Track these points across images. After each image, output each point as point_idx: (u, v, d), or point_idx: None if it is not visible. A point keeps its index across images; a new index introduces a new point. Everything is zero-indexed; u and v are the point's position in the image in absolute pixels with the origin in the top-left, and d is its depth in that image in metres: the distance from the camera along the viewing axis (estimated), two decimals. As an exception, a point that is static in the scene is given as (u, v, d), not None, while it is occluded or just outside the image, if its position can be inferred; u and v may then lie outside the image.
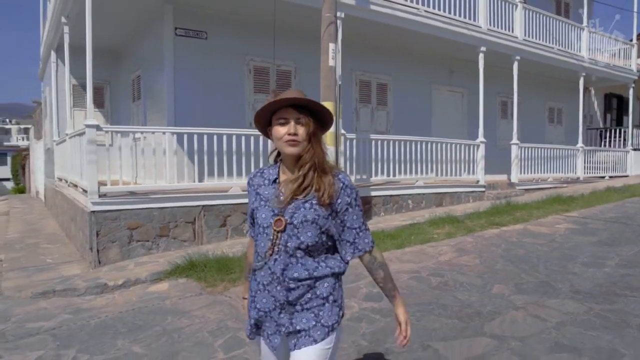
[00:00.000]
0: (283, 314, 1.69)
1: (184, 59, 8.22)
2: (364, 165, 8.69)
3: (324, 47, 6.69)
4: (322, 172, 1.71)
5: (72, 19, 8.51)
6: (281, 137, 1.70)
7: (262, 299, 1.71)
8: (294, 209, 1.68)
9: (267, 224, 1.70)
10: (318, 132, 1.76)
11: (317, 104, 1.74)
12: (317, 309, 1.69)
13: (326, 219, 1.69)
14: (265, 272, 1.70)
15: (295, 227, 1.66)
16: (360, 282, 4.92)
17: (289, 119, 1.70)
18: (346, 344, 3.47)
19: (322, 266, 1.71)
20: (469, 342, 3.46)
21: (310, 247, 1.68)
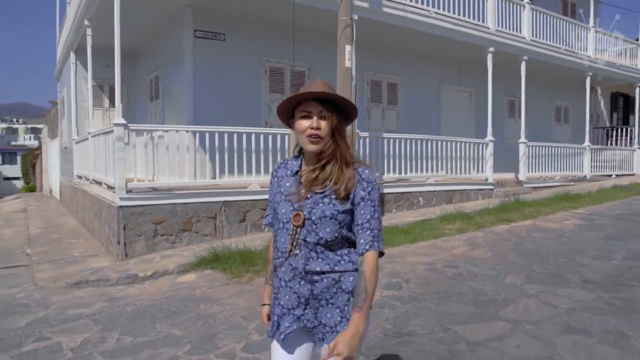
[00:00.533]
0: (308, 309, 1.67)
1: (203, 59, 8.50)
2: (377, 163, 8.94)
3: (340, 49, 6.94)
4: (345, 166, 1.69)
5: (94, 21, 8.80)
6: (304, 130, 1.69)
7: (285, 296, 1.68)
8: (313, 203, 1.66)
9: (286, 219, 1.68)
10: (341, 126, 1.73)
11: (342, 97, 1.72)
12: (342, 304, 1.66)
13: (345, 214, 1.66)
14: (287, 268, 1.68)
15: (314, 223, 1.64)
16: (380, 273, 5.17)
17: (312, 112, 1.68)
18: (371, 330, 3.73)
19: (345, 260, 1.68)
20: (486, 325, 3.71)
21: (330, 242, 1.66)
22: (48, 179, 21.13)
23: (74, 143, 11.37)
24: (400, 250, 6.15)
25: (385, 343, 3.45)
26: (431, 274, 5.10)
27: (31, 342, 3.89)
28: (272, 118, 9.01)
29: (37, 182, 31.73)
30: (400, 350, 3.32)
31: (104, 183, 7.58)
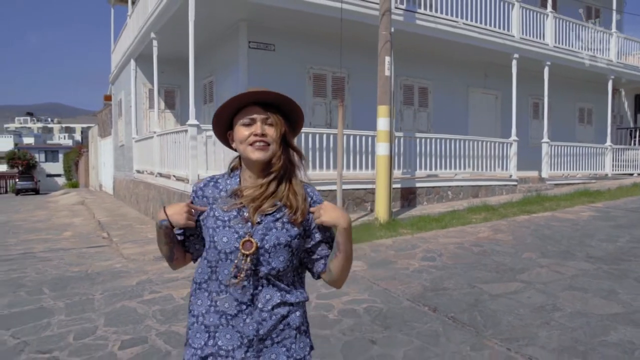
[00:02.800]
0: (250, 352, 1.43)
1: (255, 67, 9.63)
2: (410, 160, 9.92)
3: (380, 59, 7.95)
4: (292, 185, 1.48)
5: (159, 33, 10.02)
6: (245, 139, 1.44)
7: (226, 335, 1.44)
8: (265, 229, 1.42)
9: (230, 248, 1.41)
10: (289, 134, 1.50)
11: (288, 99, 1.48)
12: (288, 342, 1.47)
13: (298, 240, 1.47)
14: (230, 302, 1.43)
15: (267, 252, 1.42)
16: (415, 250, 6.19)
17: (255, 118, 1.44)
18: (414, 286, 4.76)
19: (293, 292, 1.50)
20: (504, 284, 4.70)
21: (280, 273, 1.45)
22: (97, 175, 22.70)
23: (134, 141, 12.66)
24: (433, 234, 7.14)
25: (425, 294, 4.48)
26: (460, 251, 6.09)
27: (148, 294, 5.03)
28: (315, 119, 10.11)
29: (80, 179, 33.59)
30: (437, 299, 4.35)
31: (173, 175, 8.77)
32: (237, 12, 9.05)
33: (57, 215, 13.76)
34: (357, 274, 5.25)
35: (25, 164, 47.08)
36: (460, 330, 3.67)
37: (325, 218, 1.43)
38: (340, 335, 3.66)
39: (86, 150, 28.77)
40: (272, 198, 1.44)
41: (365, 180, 9.13)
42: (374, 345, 3.46)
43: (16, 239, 9.40)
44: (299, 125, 1.56)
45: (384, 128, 8.03)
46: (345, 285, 4.57)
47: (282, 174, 1.46)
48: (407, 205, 9.76)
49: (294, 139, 1.54)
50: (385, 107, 7.95)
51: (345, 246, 1.45)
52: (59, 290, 5.28)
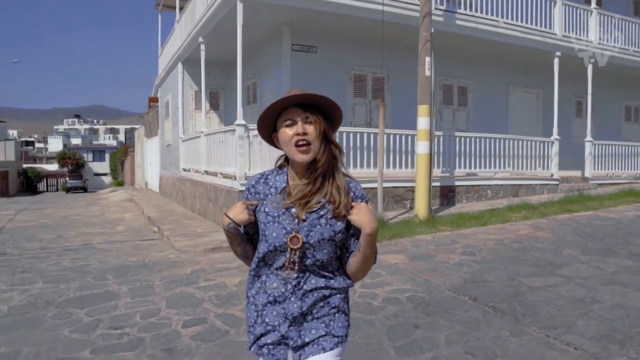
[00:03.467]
0: (292, 327, 1.59)
1: (298, 69, 9.96)
2: (449, 159, 10.03)
3: (420, 60, 8.13)
4: (336, 179, 1.58)
5: (206, 38, 10.49)
6: (290, 139, 1.55)
7: (272, 312, 1.60)
8: (310, 226, 1.55)
9: (279, 242, 1.56)
10: (329, 130, 1.61)
11: (325, 98, 1.58)
12: (328, 319, 1.61)
13: (342, 234, 1.58)
14: (279, 283, 1.59)
15: (312, 246, 1.55)
16: (455, 245, 6.36)
17: (296, 118, 1.56)
18: (454, 277, 4.95)
19: (337, 278, 1.63)
20: (544, 278, 4.83)
21: (326, 263, 1.60)
22: (143, 173, 23.62)
23: (181, 141, 13.22)
24: (472, 231, 7.28)
25: (466, 286, 4.67)
26: (499, 247, 6.22)
27: (202, 281, 5.41)
28: (355, 119, 10.36)
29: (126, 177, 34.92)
30: (477, 290, 4.53)
31: (220, 173, 9.19)
32: (280, 16, 9.40)
33: (109, 211, 14.51)
34: (399, 267, 5.48)
35: (75, 163, 49.23)
36: (499, 318, 3.86)
37: (354, 218, 1.54)
38: (384, 320, 3.91)
39: (132, 150, 29.93)
40: (318, 194, 1.56)
41: (405, 178, 9.30)
42: (417, 329, 3.69)
43: (75, 232, 10.06)
44: (338, 121, 1.66)
45: (424, 127, 8.20)
46: (388, 276, 4.86)
47: (325, 170, 1.57)
48: (447, 203, 9.87)
49: (333, 134, 1.64)
50: (426, 107, 8.12)
51: (365, 249, 1.56)
52: (121, 277, 5.73)
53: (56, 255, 7.44)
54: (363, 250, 1.56)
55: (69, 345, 3.72)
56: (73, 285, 5.48)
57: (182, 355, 3.45)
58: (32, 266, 6.65)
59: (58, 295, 5.11)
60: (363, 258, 1.58)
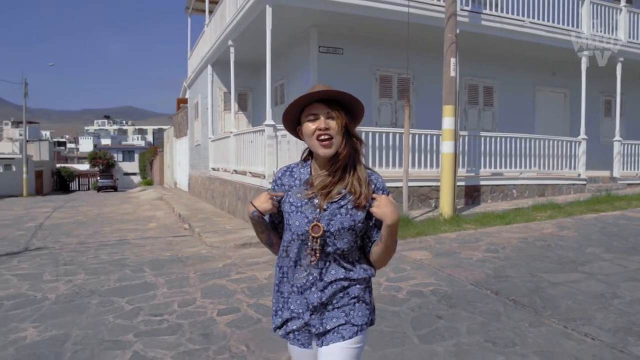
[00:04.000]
0: (315, 315, 1.67)
1: (325, 70, 10.18)
2: (474, 159, 10.11)
3: (446, 61, 8.25)
4: (357, 171, 1.66)
5: (235, 41, 10.80)
6: (312, 133, 1.63)
7: (296, 301, 1.69)
8: (330, 215, 1.62)
9: (302, 231, 1.64)
10: (350, 125, 1.67)
11: (348, 95, 1.64)
12: (347, 308, 1.67)
13: (362, 223, 1.65)
14: (300, 273, 1.67)
15: (332, 234, 1.62)
16: (478, 242, 6.48)
17: (319, 114, 1.63)
18: (477, 273, 5.09)
19: (357, 268, 1.69)
20: (565, 275, 4.93)
21: (346, 252, 1.66)
22: (172, 173, 24.20)
23: (210, 141, 13.60)
24: (496, 229, 7.37)
25: (488, 280, 4.81)
26: (523, 245, 6.32)
27: (234, 274, 5.68)
28: (382, 119, 10.53)
29: (155, 177, 35.73)
30: (499, 284, 4.67)
31: (249, 172, 9.48)
32: (308, 19, 9.64)
33: (141, 209, 15.01)
34: (423, 262, 5.65)
35: (106, 163, 50.58)
36: (520, 311, 4.00)
37: (376, 210, 1.60)
38: (409, 311, 4.10)
39: (161, 150, 30.66)
40: (339, 184, 1.63)
41: (430, 177, 9.42)
42: (440, 319, 3.87)
43: (110, 228, 10.50)
44: (359, 116, 1.71)
45: (449, 127, 8.32)
46: (412, 270, 5.05)
47: (346, 163, 1.64)
48: (471, 202, 9.95)
49: (355, 128, 1.70)
50: (451, 107, 8.24)
51: (386, 239, 1.64)
52: (157, 270, 6.05)
53: (94, 249, 7.83)
54: (384, 240, 1.63)
55: (113, 330, 4.02)
56: (113, 276, 5.82)
57: (219, 339, 3.70)
58: (72, 259, 7.05)
59: (100, 285, 5.44)
60: (384, 247, 1.65)
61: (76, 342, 3.80)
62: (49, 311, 4.60)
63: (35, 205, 19.39)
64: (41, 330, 4.10)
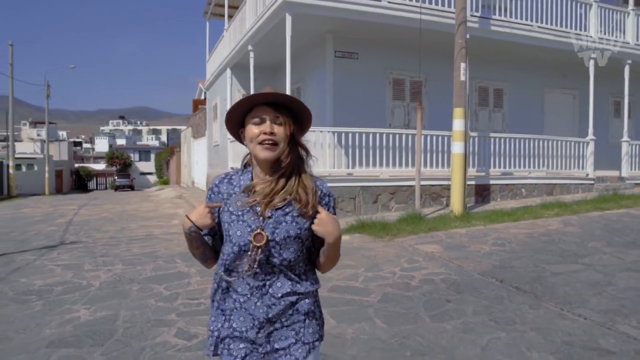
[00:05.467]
0: (261, 333, 1.55)
1: (340, 74, 10.65)
2: (484, 159, 10.51)
3: (456, 66, 8.67)
4: (302, 179, 1.56)
5: (255, 46, 11.31)
6: (256, 137, 1.52)
7: (239, 318, 1.56)
8: (275, 223, 1.52)
9: (244, 241, 1.52)
10: (297, 133, 1.58)
11: (297, 101, 1.56)
12: (297, 326, 1.58)
13: (308, 231, 1.56)
14: (243, 287, 1.55)
15: (278, 244, 1.51)
16: (487, 237, 6.91)
17: (266, 117, 1.52)
18: (484, 264, 5.52)
19: (303, 282, 1.60)
20: (566, 265, 5.35)
21: (292, 263, 1.56)
22: (189, 172, 24.84)
23: (229, 142, 14.10)
24: (504, 226, 7.78)
25: (494, 271, 5.25)
26: (528, 239, 6.73)
27: (259, 265, 6.16)
28: (395, 120, 10.97)
29: (171, 176, 36.45)
30: (504, 274, 5.11)
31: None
32: (324, 25, 10.11)
33: (163, 207, 15.61)
34: (434, 255, 6.10)
35: (122, 162, 51.55)
36: (521, 296, 4.44)
37: (317, 228, 1.52)
38: (420, 296, 4.55)
39: (178, 150, 31.36)
40: (283, 193, 1.53)
41: (441, 177, 9.85)
42: (449, 303, 4.32)
43: (136, 225, 11.07)
44: (306, 125, 1.63)
45: (459, 128, 8.74)
46: (424, 262, 5.56)
47: (291, 170, 1.55)
48: (481, 201, 10.35)
49: (301, 137, 1.61)
50: (461, 109, 8.67)
51: (329, 253, 1.59)
52: (188, 261, 6.56)
53: (125, 243, 8.38)
54: (327, 253, 1.59)
55: (157, 310, 4.52)
56: (148, 267, 6.35)
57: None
58: (107, 252, 7.60)
59: (138, 274, 5.97)
60: (327, 259, 1.61)
61: (125, 321, 4.31)
62: (95, 295, 5.12)
63: (60, 203, 20.11)
64: (92, 311, 4.62)
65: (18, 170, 27.88)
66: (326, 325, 3.83)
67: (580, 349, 3.30)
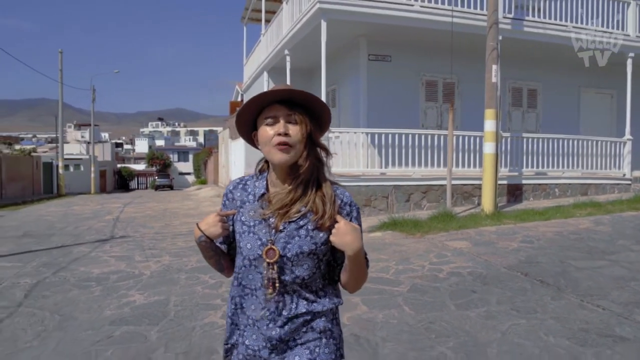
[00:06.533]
0: (274, 353, 1.44)
1: (374, 76, 10.96)
2: (516, 159, 10.61)
3: (487, 68, 8.86)
4: (321, 187, 1.43)
5: (291, 50, 11.75)
6: (269, 139, 1.39)
7: (252, 335, 1.45)
8: (287, 237, 1.39)
9: (254, 255, 1.41)
10: (316, 133, 1.45)
11: (314, 97, 1.42)
12: (312, 344, 1.45)
13: (325, 245, 1.42)
14: (256, 305, 1.44)
15: (290, 260, 1.39)
16: (515, 235, 7.10)
17: (279, 116, 1.39)
18: (510, 259, 5.75)
19: (321, 299, 1.46)
20: (592, 261, 5.52)
21: (306, 281, 1.42)
22: (227, 172, 25.56)
23: (266, 142, 14.63)
24: (534, 224, 7.93)
25: (520, 265, 5.48)
26: (557, 237, 6.88)
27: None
28: (427, 121, 11.21)
29: (209, 176, 37.44)
30: (529, 268, 5.33)
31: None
32: (358, 29, 10.45)
33: (203, 205, 16.27)
34: (463, 250, 6.35)
35: (162, 163, 53.23)
36: (545, 288, 4.66)
37: (334, 240, 1.37)
38: (447, 287, 4.84)
39: (216, 151, 32.25)
40: (299, 202, 1.41)
41: (473, 176, 10.03)
42: (474, 293, 4.60)
43: (179, 221, 11.67)
44: (326, 124, 1.49)
45: (491, 129, 8.92)
46: (452, 257, 5.85)
47: (309, 176, 1.42)
48: (513, 200, 10.46)
49: (320, 137, 1.48)
50: (492, 111, 8.85)
51: (351, 268, 1.42)
52: (230, 254, 7.01)
53: (170, 238, 8.94)
54: (350, 269, 1.42)
55: (204, 296, 4.97)
56: (193, 259, 6.83)
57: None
58: (154, 245, 8.15)
59: (184, 265, 6.46)
60: (351, 276, 1.45)
61: (176, 304, 4.77)
62: (148, 283, 5.63)
63: (106, 201, 21.14)
64: (146, 296, 5.11)
65: (66, 170, 29.31)
66: (358, 311, 4.25)
67: (595, 335, 3.53)
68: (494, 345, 3.46)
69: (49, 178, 28.69)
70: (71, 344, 3.83)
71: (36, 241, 8.95)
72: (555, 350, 3.33)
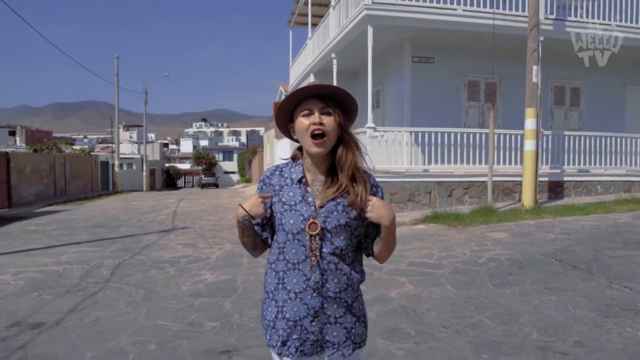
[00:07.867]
0: (315, 322, 1.59)
1: (417, 78, 11.42)
2: (557, 156, 10.85)
3: (528, 68, 9.20)
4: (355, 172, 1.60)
5: (338, 54, 12.36)
6: (306, 129, 1.56)
7: (293, 307, 1.59)
8: (327, 212, 1.58)
9: (297, 229, 1.58)
10: (346, 123, 1.61)
11: (343, 91, 1.59)
12: (349, 325, 1.63)
13: (357, 220, 1.61)
14: (299, 278, 1.59)
15: (329, 232, 1.57)
16: (554, 228, 7.46)
17: (313, 109, 1.57)
18: (547, 248, 6.17)
19: (354, 273, 1.64)
20: (626, 251, 5.87)
21: (344, 251, 1.61)
22: (272, 171, 26.52)
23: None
24: (573, 218, 8.24)
25: (555, 253, 5.90)
26: (594, 230, 7.21)
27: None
28: (469, 120, 11.59)
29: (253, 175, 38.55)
30: (564, 256, 5.75)
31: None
32: (402, 33, 10.95)
33: (251, 201, 17.10)
34: (502, 240, 6.80)
35: (208, 162, 54.98)
36: (577, 272, 5.09)
37: (371, 215, 1.56)
38: (486, 270, 5.34)
39: (261, 150, 33.32)
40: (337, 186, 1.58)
41: (514, 173, 10.36)
42: (510, 275, 5.08)
43: (231, 215, 12.48)
44: (353, 115, 1.66)
45: (531, 127, 9.26)
46: (492, 245, 6.41)
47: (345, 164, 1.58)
48: (554, 197, 10.71)
49: (350, 126, 1.65)
50: (533, 110, 9.19)
51: (386, 239, 1.62)
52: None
53: (227, 229, 9.71)
54: (385, 239, 1.62)
55: (267, 276, 5.64)
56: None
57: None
58: (215, 235, 8.94)
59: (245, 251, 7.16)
60: (386, 245, 1.65)
61: (243, 282, 5.47)
62: (215, 265, 6.36)
63: (160, 197, 22.40)
64: (215, 275, 5.83)
65: (120, 169, 31.04)
66: (405, 288, 4.85)
67: (618, 309, 3.98)
68: (526, 315, 3.97)
69: (105, 176, 30.46)
70: (159, 311, 4.55)
71: (107, 231, 9.94)
72: (580, 319, 3.81)
